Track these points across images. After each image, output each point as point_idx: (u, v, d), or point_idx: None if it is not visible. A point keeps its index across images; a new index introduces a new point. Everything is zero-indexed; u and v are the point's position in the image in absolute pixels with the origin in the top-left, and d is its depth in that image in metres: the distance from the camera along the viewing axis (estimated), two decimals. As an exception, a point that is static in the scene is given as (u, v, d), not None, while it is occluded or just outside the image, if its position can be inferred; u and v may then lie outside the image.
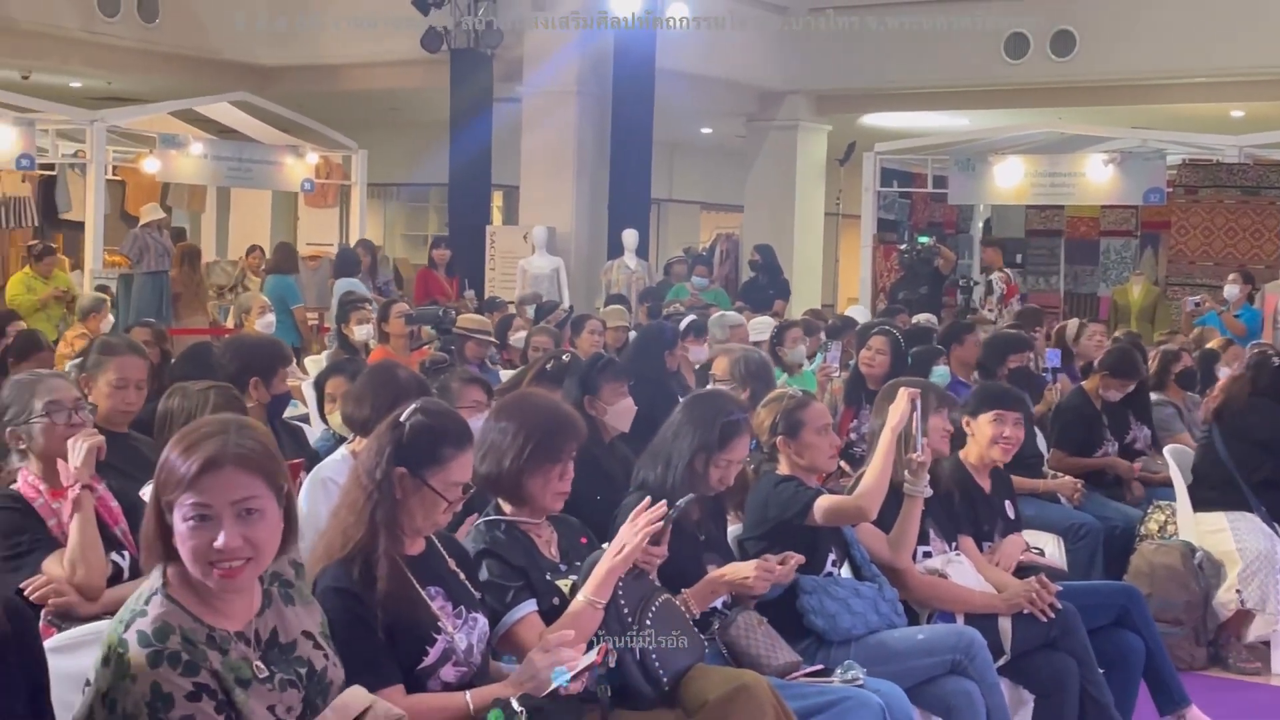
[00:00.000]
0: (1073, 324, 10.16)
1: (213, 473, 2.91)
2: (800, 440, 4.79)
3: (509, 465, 4.00)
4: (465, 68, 17.00)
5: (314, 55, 18.06)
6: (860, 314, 12.76)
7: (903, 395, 4.86)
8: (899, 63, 18.05)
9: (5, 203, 16.97)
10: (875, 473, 4.76)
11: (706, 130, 21.89)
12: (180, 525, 2.92)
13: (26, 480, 4.20)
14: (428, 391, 4.95)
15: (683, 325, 8.62)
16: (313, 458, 5.62)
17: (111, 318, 11.34)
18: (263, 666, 3.00)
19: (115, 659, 2.88)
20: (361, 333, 9.66)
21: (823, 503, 4.71)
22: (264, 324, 10.09)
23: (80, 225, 15.91)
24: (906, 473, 4.89)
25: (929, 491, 4.94)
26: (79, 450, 4.13)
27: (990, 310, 14.55)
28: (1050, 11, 17.59)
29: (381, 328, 9.83)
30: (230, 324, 12.47)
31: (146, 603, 2.96)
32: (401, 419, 3.69)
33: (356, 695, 3.10)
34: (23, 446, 4.30)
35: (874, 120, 20.22)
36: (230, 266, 17.41)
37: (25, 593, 3.67)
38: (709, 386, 6.73)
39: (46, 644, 3.11)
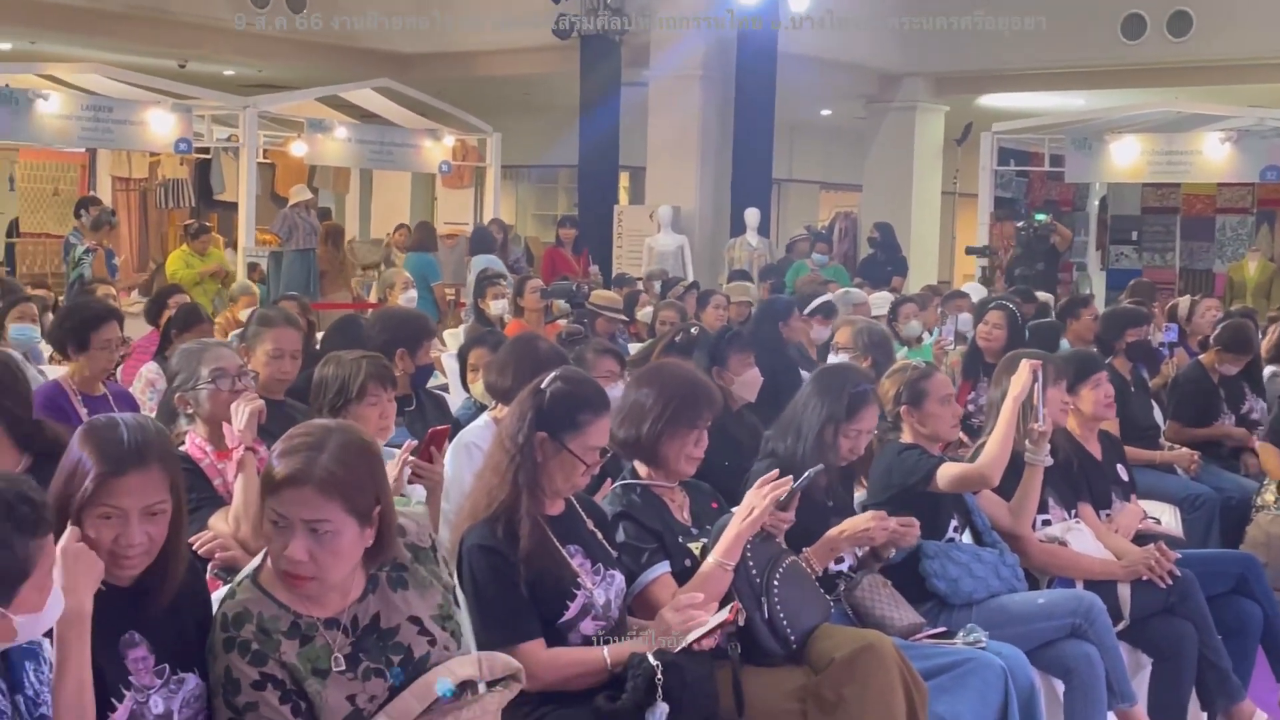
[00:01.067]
0: (1184, 301, 9.97)
1: (294, 488, 2.92)
2: (924, 410, 4.76)
3: (647, 430, 4.03)
4: (594, 54, 17.06)
5: (450, 43, 18.19)
6: (976, 291, 12.61)
7: (1025, 366, 4.82)
8: (1016, 44, 17.67)
9: (164, 184, 17.37)
10: (998, 441, 4.72)
11: (826, 112, 21.71)
12: (265, 523, 2.98)
13: (194, 442, 4.31)
14: (566, 362, 4.98)
15: (813, 305, 8.58)
16: (455, 425, 5.68)
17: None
18: (341, 660, 2.99)
19: (210, 635, 2.98)
20: (497, 307, 9.77)
21: (945, 470, 4.69)
22: (406, 299, 10.19)
23: (233, 205, 16.20)
24: (1028, 442, 4.86)
25: (1049, 460, 4.90)
26: (242, 414, 4.23)
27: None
28: (1167, -9, 17.24)
29: (516, 302, 9.93)
30: (373, 299, 12.64)
31: (239, 585, 3.02)
32: (542, 387, 3.73)
33: (437, 679, 3.03)
34: (190, 411, 4.41)
35: (991, 101, 19.90)
36: (374, 245, 17.62)
37: (194, 547, 3.75)
38: (832, 359, 6.72)
39: (213, 595, 3.20)
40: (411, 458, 4.40)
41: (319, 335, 7.62)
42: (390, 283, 10.84)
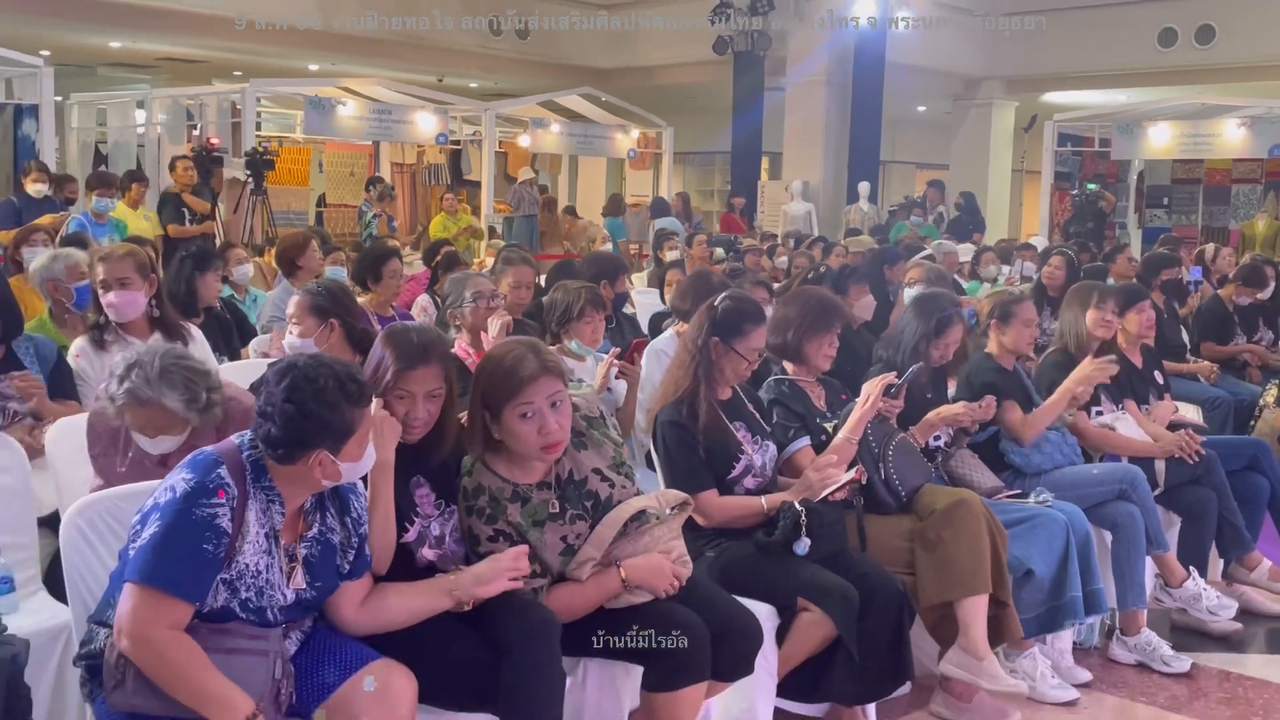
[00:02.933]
0: (1210, 247, 9.64)
1: (534, 382, 2.90)
2: (1010, 327, 4.63)
3: (793, 336, 4.01)
4: (744, 66, 16.88)
5: (636, 60, 18.19)
6: (1039, 243, 12.25)
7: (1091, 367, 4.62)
8: (1072, 52, 17.20)
9: (428, 168, 17.64)
10: (1044, 417, 4.55)
11: (921, 108, 21.22)
12: (514, 422, 2.91)
13: (460, 346, 4.40)
14: (730, 288, 4.97)
15: (917, 258, 8.39)
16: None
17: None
18: (557, 504, 3.00)
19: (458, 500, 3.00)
20: (671, 256, 9.76)
21: (1004, 412, 4.52)
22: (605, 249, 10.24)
23: (477, 183, 16.41)
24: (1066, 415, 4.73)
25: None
26: (495, 325, 4.31)
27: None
28: (1195, 8, 16.60)
29: (685, 253, 9.93)
30: (578, 251, 12.74)
31: (472, 466, 3.00)
32: (715, 304, 3.73)
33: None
34: (458, 323, 4.50)
35: (1052, 97, 19.29)
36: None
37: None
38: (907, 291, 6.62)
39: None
40: (617, 361, 4.45)
41: (540, 278, 7.70)
42: (593, 238, 10.93)
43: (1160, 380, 5.35)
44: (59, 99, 12.31)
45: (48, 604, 3.27)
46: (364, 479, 2.73)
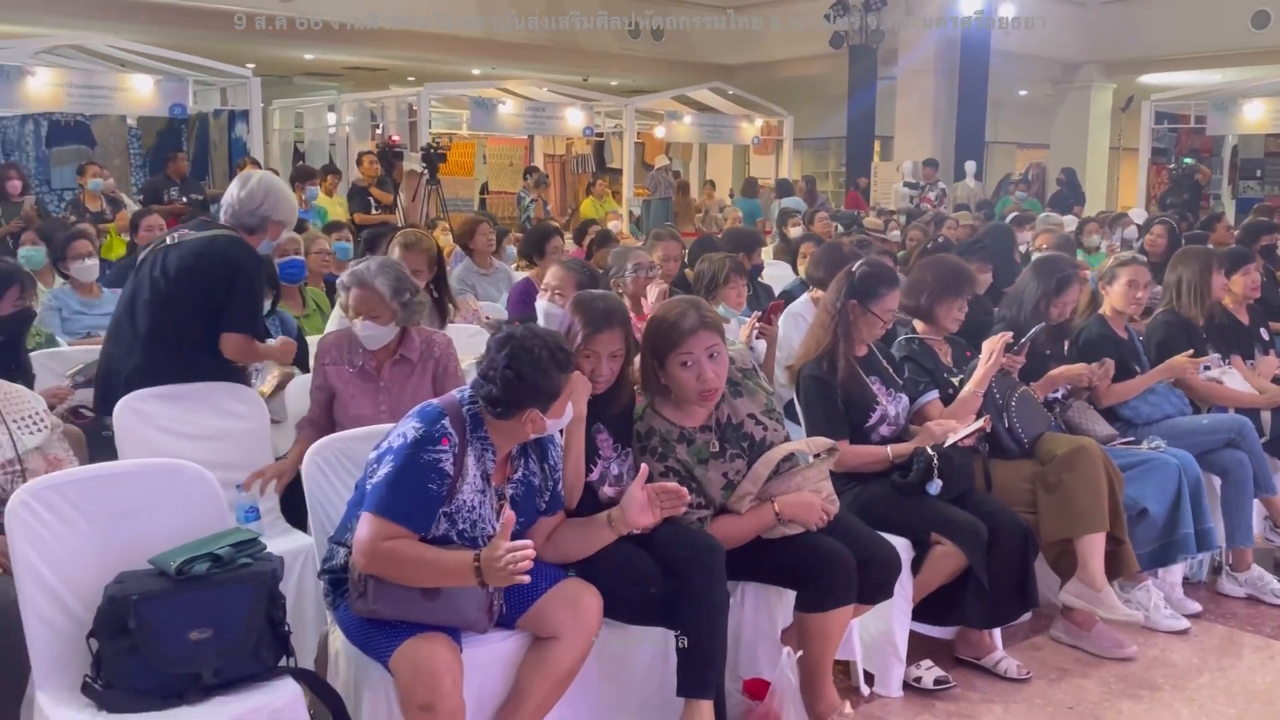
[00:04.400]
0: (1306, 215, 9.14)
1: (694, 334, 2.93)
2: (1113, 287, 4.49)
3: (926, 299, 3.95)
4: (858, 57, 16.52)
5: (759, 56, 17.97)
6: (1138, 215, 11.76)
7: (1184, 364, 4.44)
8: (1169, 36, 16.35)
9: (576, 158, 17.79)
10: (1132, 386, 4.38)
11: (1023, 92, 20.47)
12: (676, 370, 2.95)
13: (623, 311, 4.43)
14: (860, 258, 4.91)
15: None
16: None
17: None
18: (719, 445, 3.03)
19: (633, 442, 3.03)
20: (794, 232, 9.65)
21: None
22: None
23: (619, 170, 16.49)
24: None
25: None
26: (654, 292, 4.34)
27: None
28: (1289, -8, 15.57)
29: (808, 229, 9.78)
30: (710, 228, 12.68)
31: (643, 411, 3.05)
32: (854, 269, 3.70)
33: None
34: (620, 291, 4.55)
35: (1148, 79, 18.41)
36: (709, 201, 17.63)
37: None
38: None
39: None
40: (758, 323, 4.45)
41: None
42: (726, 217, 10.87)
43: (1265, 337, 5.12)
44: (263, 105, 12.75)
45: (286, 529, 3.45)
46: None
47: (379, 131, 13.71)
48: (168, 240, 3.66)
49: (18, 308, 3.99)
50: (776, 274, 7.25)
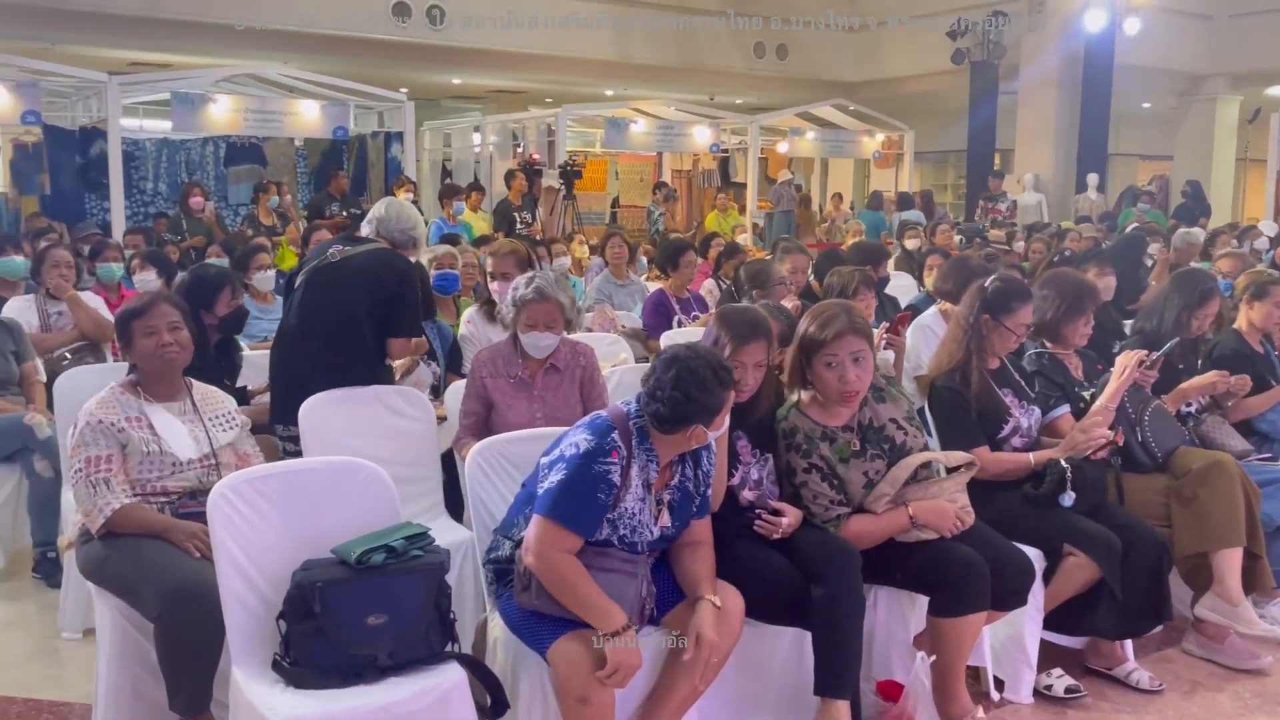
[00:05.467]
0: None
1: (841, 338, 2.94)
2: (1261, 306, 4.27)
3: (1052, 315, 3.83)
4: (979, 73, 16.05)
5: (880, 73, 17.65)
6: (1268, 228, 11.15)
7: None
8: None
9: (702, 173, 17.79)
10: (1263, 400, 4.17)
11: (1146, 105, 19.63)
12: (821, 370, 2.98)
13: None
14: (992, 273, 4.78)
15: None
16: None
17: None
18: (859, 445, 3.01)
19: (779, 449, 3.03)
20: (911, 244, 9.46)
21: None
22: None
23: (743, 184, 16.42)
24: None
25: None
26: (788, 304, 4.31)
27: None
28: None
29: (930, 241, 9.58)
30: (833, 240, 12.53)
31: (789, 410, 3.05)
32: (987, 284, 3.61)
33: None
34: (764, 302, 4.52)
35: (1276, 90, 17.44)
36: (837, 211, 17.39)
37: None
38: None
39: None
40: (885, 333, 4.38)
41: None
42: (850, 229, 10.72)
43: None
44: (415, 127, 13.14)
45: (448, 523, 3.55)
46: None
47: (520, 150, 13.96)
48: (329, 256, 3.79)
49: (231, 308, 4.21)
50: (900, 285, 7.13)
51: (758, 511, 2.94)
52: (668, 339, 5.13)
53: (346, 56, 13.29)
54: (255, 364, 4.51)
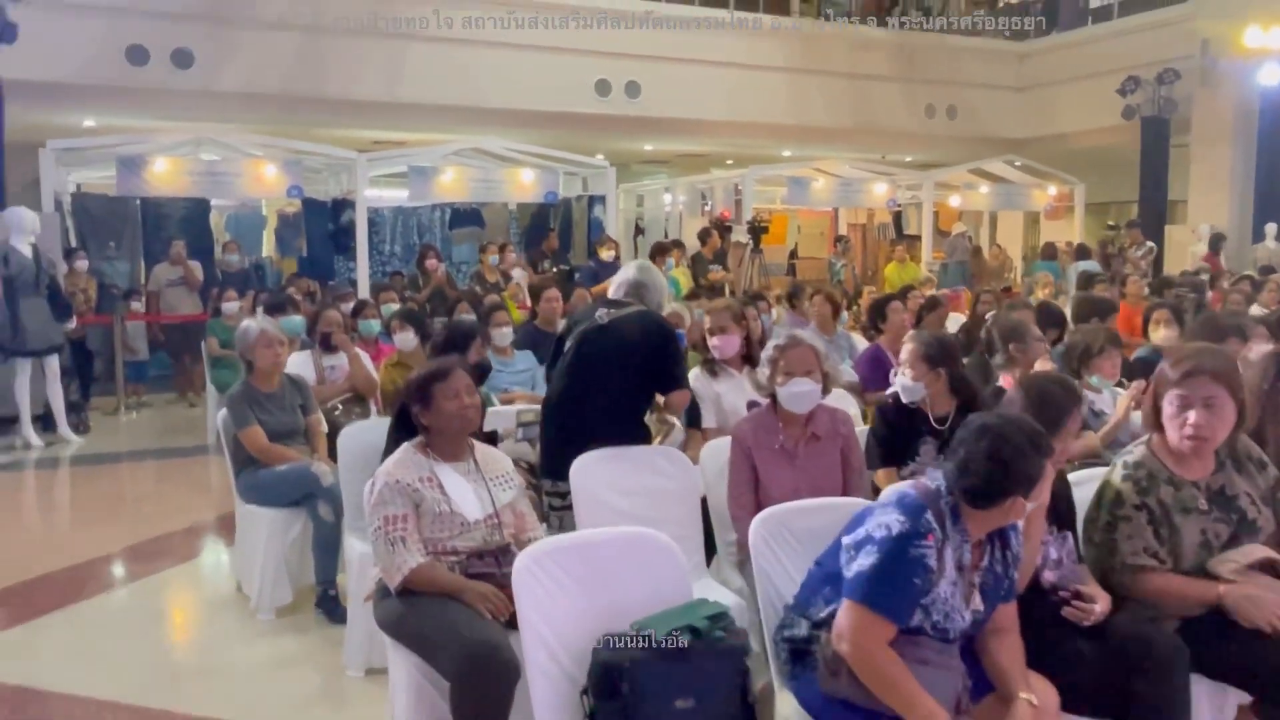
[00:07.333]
0: None
1: (1193, 379, 2.55)
2: None
3: None
4: (1150, 127, 14.93)
5: (1050, 129, 16.68)
6: None
7: None
8: None
9: (877, 226, 17.26)
10: None
11: (1324, 152, 17.83)
12: (1167, 408, 2.60)
13: (1006, 379, 3.97)
14: (1240, 334, 4.19)
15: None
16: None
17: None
18: (1206, 504, 2.57)
19: (1112, 476, 2.66)
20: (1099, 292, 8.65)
21: None
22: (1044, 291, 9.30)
23: (916, 237, 15.76)
24: None
25: None
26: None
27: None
28: None
29: (1121, 290, 8.79)
30: (1024, 292, 11.72)
31: (1136, 448, 2.68)
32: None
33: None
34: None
35: None
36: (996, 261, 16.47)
37: None
38: None
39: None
40: (1140, 393, 3.85)
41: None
42: (1038, 281, 10.00)
43: None
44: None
45: (712, 585, 3.25)
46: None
47: (709, 209, 13.80)
48: (598, 318, 3.62)
49: (481, 356, 4.12)
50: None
51: (1062, 595, 2.52)
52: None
53: (555, 129, 13.48)
54: (501, 416, 4.37)
